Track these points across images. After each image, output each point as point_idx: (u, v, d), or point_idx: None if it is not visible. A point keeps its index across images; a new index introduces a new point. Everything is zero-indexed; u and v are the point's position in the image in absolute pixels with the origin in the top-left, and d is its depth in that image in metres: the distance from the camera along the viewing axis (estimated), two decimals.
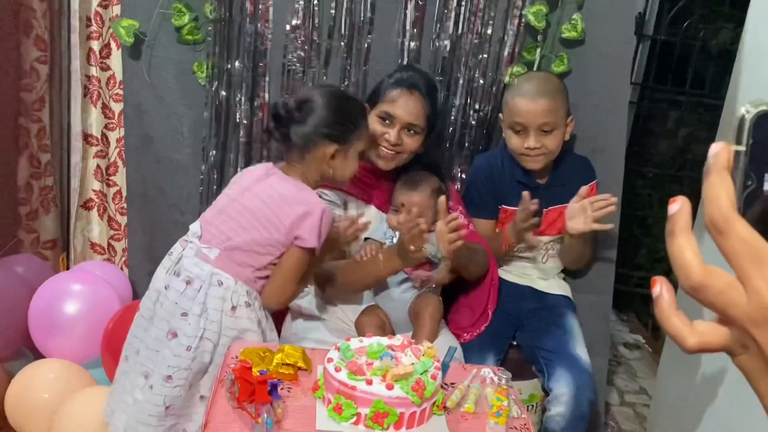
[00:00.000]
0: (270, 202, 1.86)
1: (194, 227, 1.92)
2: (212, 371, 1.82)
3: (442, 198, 2.00)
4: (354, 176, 2.11)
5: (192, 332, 1.79)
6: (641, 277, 4.09)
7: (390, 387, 1.50)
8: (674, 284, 0.61)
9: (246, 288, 1.86)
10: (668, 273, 0.59)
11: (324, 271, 2.13)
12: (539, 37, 2.43)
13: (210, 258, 1.85)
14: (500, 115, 2.42)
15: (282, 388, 1.60)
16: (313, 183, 1.95)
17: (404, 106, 2.15)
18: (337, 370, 1.54)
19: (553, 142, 2.31)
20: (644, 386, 3.33)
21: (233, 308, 1.84)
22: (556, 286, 2.52)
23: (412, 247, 1.93)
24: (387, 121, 2.16)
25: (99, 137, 2.66)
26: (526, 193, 2.22)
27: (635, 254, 4.13)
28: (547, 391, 2.29)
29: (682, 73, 3.88)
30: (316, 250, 1.87)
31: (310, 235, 1.84)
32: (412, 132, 2.17)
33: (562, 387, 2.22)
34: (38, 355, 2.32)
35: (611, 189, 2.50)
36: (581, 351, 2.30)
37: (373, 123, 2.16)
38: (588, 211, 2.23)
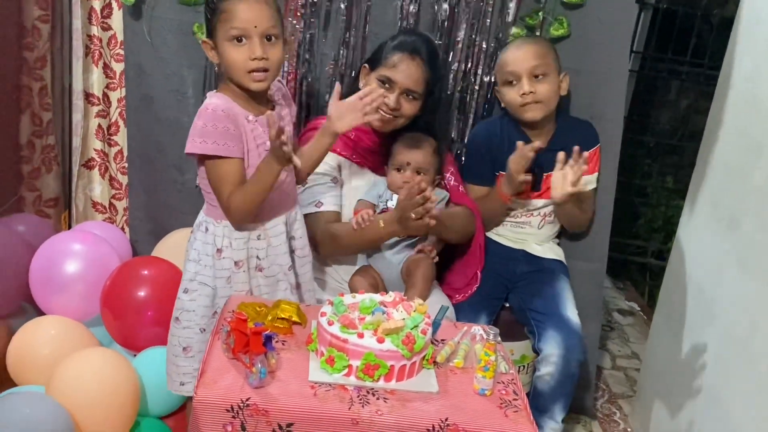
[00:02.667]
0: None
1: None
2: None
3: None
4: (347, 138, 2.15)
5: (187, 276, 1.92)
6: (638, 246, 4.12)
7: (381, 340, 1.54)
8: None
9: (233, 226, 1.89)
10: (665, 242, 0.61)
11: (320, 234, 2.17)
12: (541, 1, 2.43)
13: (204, 207, 1.94)
14: (495, 87, 2.45)
15: (276, 341, 1.64)
16: (231, 92, 1.86)
17: (405, 71, 2.17)
18: (330, 323, 1.58)
19: (547, 88, 2.33)
20: (636, 351, 3.38)
21: (218, 251, 1.90)
22: (550, 251, 2.55)
23: (412, 215, 1.97)
24: (387, 85, 2.17)
25: (100, 97, 2.68)
26: (520, 143, 2.26)
27: (632, 223, 4.16)
28: (537, 352, 2.34)
29: (684, 43, 3.87)
30: (204, 152, 1.79)
31: (191, 138, 1.80)
32: (411, 97, 2.19)
33: (552, 348, 2.27)
34: (39, 313, 2.36)
35: (608, 157, 2.53)
36: (571, 313, 2.34)
37: (373, 86, 2.18)
38: (569, 176, 2.25)
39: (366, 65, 2.25)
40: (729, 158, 2.33)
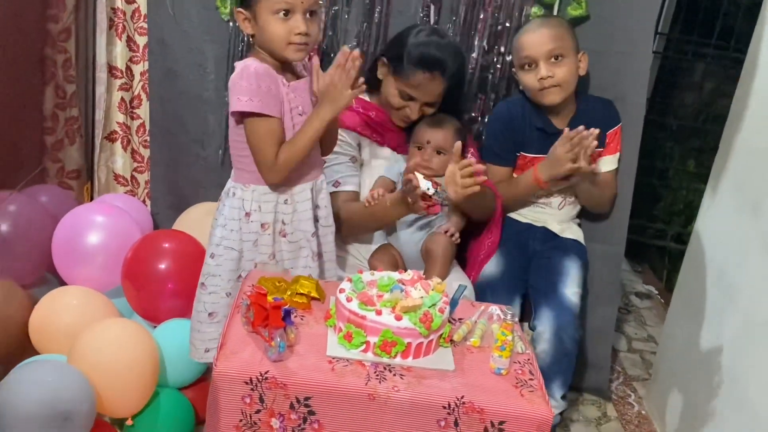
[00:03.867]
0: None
1: None
2: None
3: (458, 143, 2.02)
4: (367, 117, 2.15)
5: (214, 241, 1.96)
6: (658, 229, 4.09)
7: (398, 318, 1.55)
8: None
9: (261, 189, 1.92)
10: (685, 226, 0.61)
11: (338, 213, 2.18)
12: None
13: (233, 174, 1.97)
14: (513, 69, 2.44)
15: (295, 316, 1.66)
16: (261, 58, 1.88)
17: (425, 89, 2.18)
18: (349, 300, 1.59)
19: (565, 71, 2.31)
20: (652, 334, 3.37)
21: (247, 214, 1.93)
22: (569, 231, 2.54)
23: (409, 199, 2.00)
24: (408, 98, 2.20)
25: (123, 70, 2.69)
26: (566, 129, 2.26)
27: (653, 206, 4.13)
28: (533, 329, 2.34)
29: (710, 26, 3.81)
30: (249, 109, 1.81)
31: (235, 98, 1.82)
32: (432, 105, 2.22)
33: (544, 325, 2.28)
34: (62, 283, 2.39)
35: (630, 139, 2.51)
36: (569, 290, 2.33)
37: (393, 96, 2.20)
38: (561, 155, 2.26)
39: (384, 59, 2.24)
40: (753, 142, 2.31)
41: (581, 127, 2.24)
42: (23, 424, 1.74)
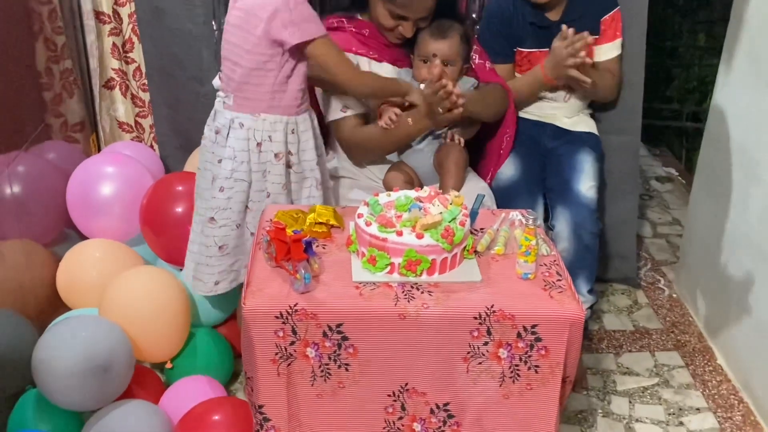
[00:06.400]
0: (239, 22, 1.86)
1: (215, 82, 2.02)
2: (253, 207, 1.94)
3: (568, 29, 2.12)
4: (362, 36, 2.09)
5: (224, 174, 1.92)
6: (673, 110, 4.02)
7: (420, 236, 1.54)
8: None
9: (271, 118, 1.90)
10: (701, 103, 0.57)
11: (348, 140, 2.16)
12: None
13: (229, 104, 1.93)
14: None
15: (317, 246, 1.65)
16: None
17: (416, 6, 2.08)
18: (368, 224, 1.58)
19: None
20: (677, 217, 3.36)
21: (258, 144, 1.91)
22: (581, 123, 2.50)
23: (440, 110, 1.97)
24: (399, 18, 2.10)
25: (110, 14, 2.62)
26: (564, 27, 2.22)
27: (666, 86, 4.04)
28: (551, 229, 2.32)
29: None
30: (317, 35, 1.84)
31: (301, 27, 1.81)
32: (425, 19, 2.13)
33: (561, 224, 2.28)
34: (82, 237, 2.40)
35: (634, 18, 2.42)
36: (583, 186, 2.31)
37: (383, 17, 2.11)
38: (563, 53, 2.23)
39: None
40: (767, 10, 2.22)
41: (570, 31, 2.22)
42: (64, 379, 1.78)
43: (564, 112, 2.48)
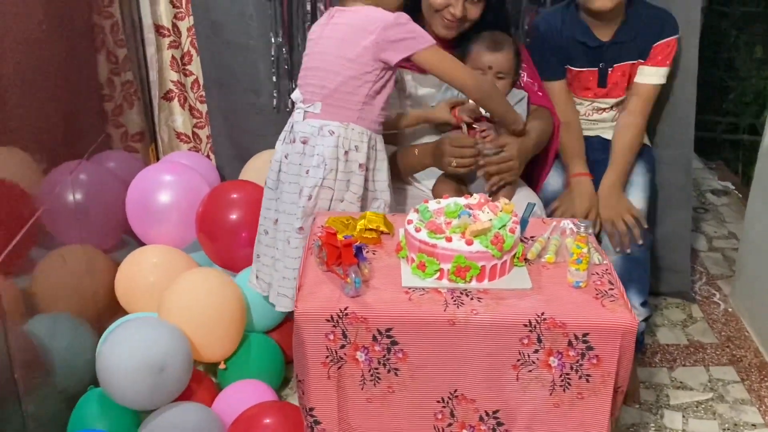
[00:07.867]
0: (343, 35, 1.92)
1: (295, 95, 2.02)
2: None
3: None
4: None
5: (312, 183, 1.93)
6: (729, 123, 3.95)
7: (469, 242, 1.54)
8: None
9: (358, 129, 1.94)
10: (758, 116, 0.57)
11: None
12: None
13: (316, 113, 1.95)
14: None
15: (367, 251, 1.67)
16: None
17: None
18: (418, 230, 1.59)
19: None
20: (733, 231, 3.29)
21: (346, 153, 1.94)
22: None
23: (454, 161, 2.05)
24: None
25: (170, 28, 2.70)
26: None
27: (722, 99, 3.97)
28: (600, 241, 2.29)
29: None
30: (428, 44, 1.92)
31: (417, 38, 1.91)
32: (474, 2, 2.11)
33: (609, 236, 2.26)
34: (140, 243, 2.47)
35: (686, 31, 2.37)
36: (632, 199, 2.29)
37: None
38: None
39: None
40: None
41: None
42: (125, 380, 1.84)
43: (611, 129, 2.44)
